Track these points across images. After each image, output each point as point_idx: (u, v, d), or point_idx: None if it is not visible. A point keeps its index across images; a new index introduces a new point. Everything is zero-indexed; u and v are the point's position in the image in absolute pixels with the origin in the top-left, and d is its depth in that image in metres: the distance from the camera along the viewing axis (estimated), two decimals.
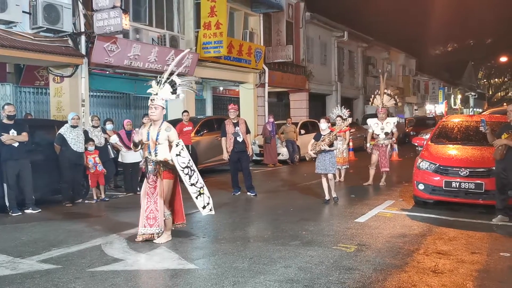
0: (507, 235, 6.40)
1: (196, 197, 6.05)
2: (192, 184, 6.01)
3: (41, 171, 8.63)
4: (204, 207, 6.14)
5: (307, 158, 9.15)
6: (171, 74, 6.16)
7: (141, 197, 6.23)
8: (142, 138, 6.18)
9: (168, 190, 6.08)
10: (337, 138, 8.78)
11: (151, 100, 6.08)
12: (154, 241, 6.04)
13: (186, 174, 5.95)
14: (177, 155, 5.90)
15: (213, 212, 6.31)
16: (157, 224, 6.09)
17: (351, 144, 15.89)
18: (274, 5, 19.63)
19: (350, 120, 9.05)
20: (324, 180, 8.93)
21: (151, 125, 6.18)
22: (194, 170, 6.07)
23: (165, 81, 6.08)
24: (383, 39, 34.78)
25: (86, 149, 9.25)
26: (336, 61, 27.19)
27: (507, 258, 5.42)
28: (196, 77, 14.24)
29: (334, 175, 9.11)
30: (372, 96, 11.85)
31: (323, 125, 8.74)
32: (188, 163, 5.99)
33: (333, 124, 9.97)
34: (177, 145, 5.94)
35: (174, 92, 6.14)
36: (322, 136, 8.66)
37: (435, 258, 5.37)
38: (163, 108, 6.17)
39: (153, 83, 6.12)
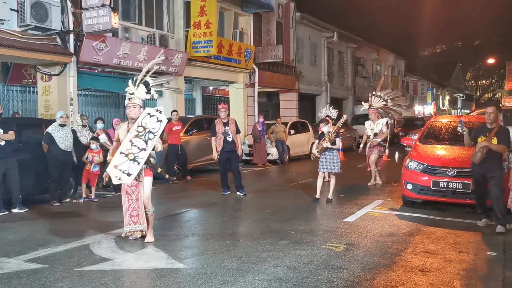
0: (494, 234, 6.46)
1: (126, 155, 5.70)
2: (133, 143, 5.72)
3: (28, 170, 8.55)
4: (115, 166, 5.71)
5: (311, 158, 9.30)
6: (147, 73, 6.16)
7: (121, 195, 6.15)
8: (122, 139, 6.08)
9: (150, 187, 6.04)
10: (338, 136, 8.85)
11: (129, 99, 6.06)
12: (145, 241, 6.02)
13: (138, 131, 5.75)
14: (149, 114, 5.83)
15: (117, 182, 5.79)
16: (140, 222, 6.07)
17: (340, 144, 15.93)
18: (264, 5, 19.63)
19: (344, 117, 9.21)
20: (319, 179, 9.00)
21: (128, 123, 6.10)
22: (148, 141, 5.74)
23: (140, 82, 6.07)
24: (373, 40, 35.02)
25: (88, 146, 9.42)
26: (326, 61, 27.28)
27: (494, 257, 5.48)
28: (172, 76, 14.15)
29: (324, 175, 9.15)
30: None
31: (325, 128, 8.82)
32: (151, 132, 5.76)
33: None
34: (157, 110, 5.93)
35: (148, 92, 6.13)
36: (324, 136, 8.79)
37: (423, 257, 5.41)
38: (141, 106, 6.09)
39: (130, 82, 6.11)
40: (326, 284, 4.54)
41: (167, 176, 6.80)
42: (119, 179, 5.79)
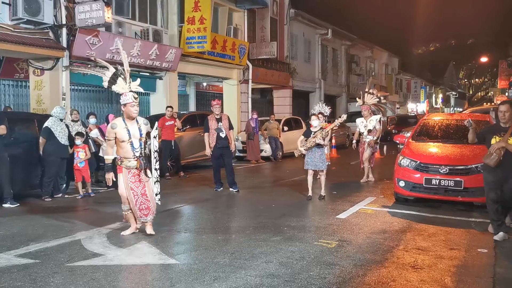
0: (485, 231, 6.49)
1: (154, 183, 6.46)
2: (155, 169, 6.49)
3: (19, 165, 8.49)
4: (156, 194, 6.56)
5: (296, 155, 9.12)
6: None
7: (127, 194, 6.10)
8: (122, 138, 6.02)
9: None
10: (328, 135, 8.79)
11: (135, 97, 6.02)
12: (122, 233, 6.18)
13: (155, 157, 6.50)
14: (154, 137, 6.39)
15: (159, 203, 6.74)
16: (151, 212, 6.19)
17: (333, 141, 15.99)
18: (258, 1, 19.59)
19: (344, 117, 9.25)
20: (309, 177, 8.88)
21: (124, 121, 6.03)
22: (158, 160, 6.64)
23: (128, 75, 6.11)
24: (367, 37, 35.04)
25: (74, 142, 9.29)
26: (320, 58, 27.28)
27: (485, 254, 5.51)
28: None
29: (316, 172, 9.16)
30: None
31: (315, 122, 8.73)
32: (157, 150, 6.58)
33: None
34: (156, 129, 6.53)
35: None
36: (314, 133, 8.62)
37: (415, 254, 5.44)
38: None
39: (138, 80, 6.11)
40: (318, 280, 4.55)
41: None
42: (159, 199, 6.72)
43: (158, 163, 6.58)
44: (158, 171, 6.60)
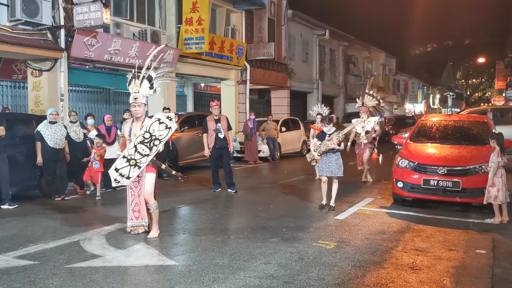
0: (483, 232, 6.52)
1: (128, 160, 5.86)
2: (137, 149, 5.85)
3: (18, 166, 8.48)
4: (116, 169, 5.87)
5: (308, 159, 8.46)
6: (148, 69, 6.16)
7: (126, 191, 6.26)
8: (124, 134, 6.22)
9: (151, 183, 6.09)
10: (344, 138, 8.28)
11: (135, 98, 6.06)
12: (148, 236, 6.05)
13: (144, 137, 5.90)
14: (159, 120, 5.95)
15: (114, 184, 5.99)
16: (141, 217, 6.16)
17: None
18: (256, 2, 19.60)
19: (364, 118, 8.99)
20: (324, 185, 8.18)
21: (133, 121, 6.22)
22: (153, 147, 5.88)
23: (143, 77, 6.09)
24: (364, 38, 35.09)
25: (80, 142, 9.53)
26: (318, 59, 27.31)
27: (483, 254, 5.52)
28: (172, 67, 14.22)
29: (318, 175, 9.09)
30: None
31: (326, 128, 8.21)
32: (157, 139, 5.91)
33: (313, 122, 9.93)
34: (168, 117, 5.99)
35: (151, 87, 6.17)
36: (330, 136, 8.00)
37: (413, 254, 5.45)
38: (145, 104, 6.23)
39: (133, 82, 6.12)
40: (317, 281, 4.56)
41: (173, 172, 6.57)
42: (118, 182, 5.90)
43: (143, 146, 5.82)
44: (145, 157, 5.84)
